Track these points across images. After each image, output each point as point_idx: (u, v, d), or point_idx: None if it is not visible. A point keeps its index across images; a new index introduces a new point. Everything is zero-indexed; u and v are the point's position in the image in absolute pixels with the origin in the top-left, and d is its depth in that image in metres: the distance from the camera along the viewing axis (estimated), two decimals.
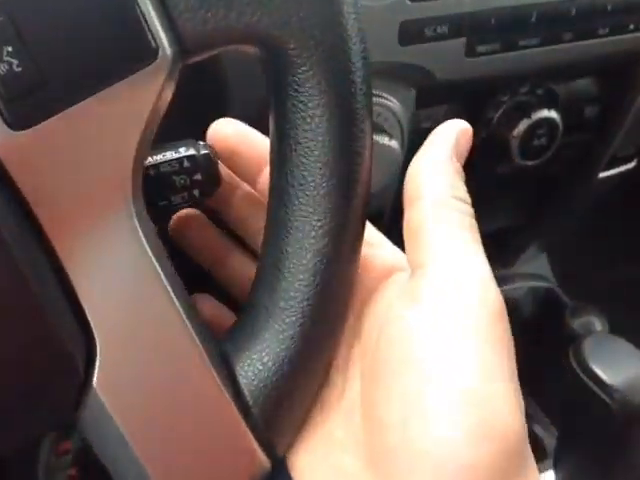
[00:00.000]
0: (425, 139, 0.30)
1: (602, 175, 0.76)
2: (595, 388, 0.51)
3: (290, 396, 0.27)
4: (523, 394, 0.26)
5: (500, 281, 0.29)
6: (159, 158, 0.30)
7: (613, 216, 1.01)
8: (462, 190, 0.29)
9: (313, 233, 0.26)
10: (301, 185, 0.26)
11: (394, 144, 0.50)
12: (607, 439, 0.53)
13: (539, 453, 0.73)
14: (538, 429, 0.74)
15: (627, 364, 0.52)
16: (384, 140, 0.49)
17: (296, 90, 0.25)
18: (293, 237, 0.26)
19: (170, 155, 0.31)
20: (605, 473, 0.56)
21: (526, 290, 0.90)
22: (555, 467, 0.62)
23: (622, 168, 0.78)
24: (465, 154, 0.30)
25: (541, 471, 0.71)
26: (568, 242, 0.99)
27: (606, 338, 0.55)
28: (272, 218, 0.27)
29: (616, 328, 0.81)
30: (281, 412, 0.27)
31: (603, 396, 0.51)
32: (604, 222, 1.00)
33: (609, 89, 0.65)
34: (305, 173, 0.26)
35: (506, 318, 0.27)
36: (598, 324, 0.70)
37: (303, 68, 0.25)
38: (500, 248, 0.91)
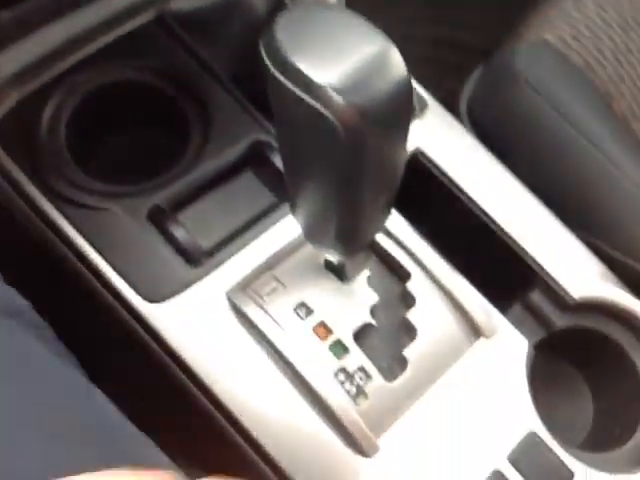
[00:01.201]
0: None
1: None
2: (298, 91, 0.32)
3: None
4: None
5: None
6: None
7: None
8: None
9: None
10: None
11: None
12: (335, 162, 0.36)
13: None
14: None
15: (343, 50, 0.32)
16: None
17: None
18: None
19: None
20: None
21: None
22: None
23: None
24: None
25: None
26: None
27: (315, 10, 0.34)
28: None
29: None
30: None
31: (312, 102, 0.32)
32: None
33: None
34: None
35: None
36: None
37: None
38: None
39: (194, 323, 0.54)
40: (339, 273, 0.56)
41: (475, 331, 0.58)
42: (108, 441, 0.33)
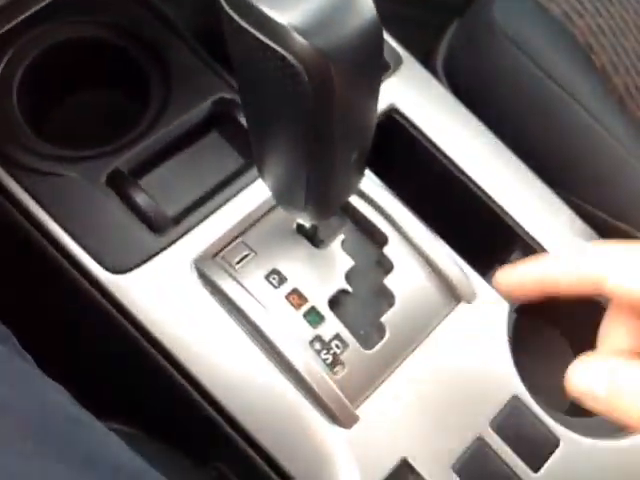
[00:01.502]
0: None
1: None
2: (258, 33, 0.29)
3: None
4: None
5: None
6: None
7: None
8: None
9: None
10: None
11: None
12: (302, 114, 0.33)
13: None
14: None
15: None
16: None
17: None
18: None
19: None
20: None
21: None
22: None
23: None
24: None
25: None
26: None
27: None
28: None
29: None
30: None
31: (273, 45, 0.29)
32: None
33: None
34: None
35: None
36: None
37: None
38: None
39: (161, 294, 0.51)
40: (312, 238, 0.53)
41: (455, 296, 0.56)
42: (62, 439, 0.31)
